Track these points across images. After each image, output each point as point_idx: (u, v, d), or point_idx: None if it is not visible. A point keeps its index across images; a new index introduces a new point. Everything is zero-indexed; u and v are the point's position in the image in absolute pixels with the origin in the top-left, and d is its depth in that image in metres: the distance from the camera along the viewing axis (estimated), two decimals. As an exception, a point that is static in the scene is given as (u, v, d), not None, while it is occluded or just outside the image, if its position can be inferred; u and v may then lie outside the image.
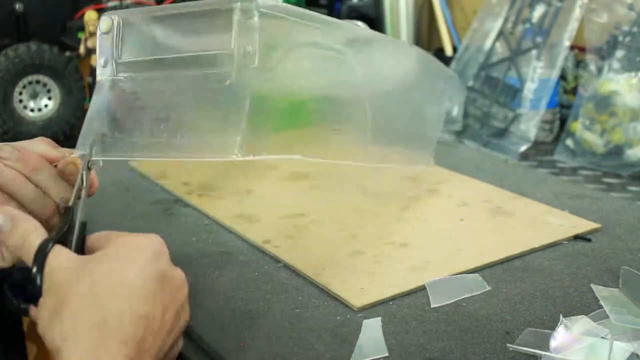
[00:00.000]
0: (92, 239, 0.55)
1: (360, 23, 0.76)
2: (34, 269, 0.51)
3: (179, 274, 0.53)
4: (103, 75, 0.64)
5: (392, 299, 0.65)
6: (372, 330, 0.60)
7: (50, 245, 0.52)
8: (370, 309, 0.64)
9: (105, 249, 0.52)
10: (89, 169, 0.60)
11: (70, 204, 0.57)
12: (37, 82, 1.12)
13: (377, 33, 0.80)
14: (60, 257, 0.51)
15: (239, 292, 0.67)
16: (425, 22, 1.39)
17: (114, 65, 0.63)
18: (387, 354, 0.57)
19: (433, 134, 0.89)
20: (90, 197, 0.59)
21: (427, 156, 0.87)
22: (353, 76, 0.69)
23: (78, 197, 0.58)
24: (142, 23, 0.63)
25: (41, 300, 0.50)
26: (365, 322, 0.61)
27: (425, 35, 1.40)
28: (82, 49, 1.14)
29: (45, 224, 0.57)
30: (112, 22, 0.63)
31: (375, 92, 0.72)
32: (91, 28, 1.13)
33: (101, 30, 0.64)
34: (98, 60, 0.64)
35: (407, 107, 0.82)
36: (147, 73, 0.62)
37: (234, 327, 0.61)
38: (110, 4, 1.24)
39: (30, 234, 0.53)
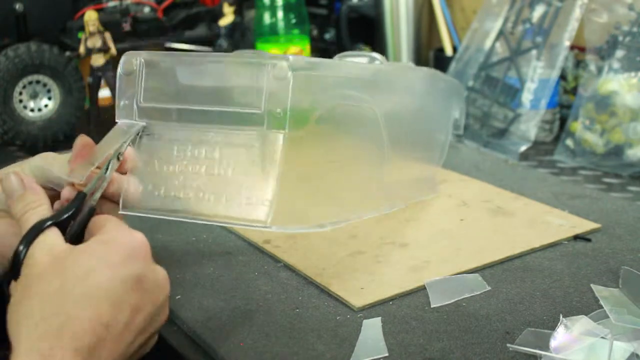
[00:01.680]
0: (93, 222, 0.54)
1: (377, 56, 0.75)
2: (21, 246, 0.50)
3: (158, 275, 0.52)
4: (121, 118, 0.61)
5: (392, 299, 0.65)
6: (372, 330, 0.60)
7: (45, 225, 0.51)
8: (370, 309, 0.64)
9: (88, 242, 0.51)
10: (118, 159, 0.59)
11: (85, 190, 0.56)
12: (37, 82, 1.12)
13: (391, 66, 0.77)
14: (47, 244, 0.50)
15: (239, 292, 0.67)
16: (425, 22, 1.39)
17: (135, 109, 0.61)
18: (387, 354, 0.57)
19: (441, 150, 0.89)
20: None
21: (434, 184, 0.87)
22: (371, 112, 0.68)
23: (97, 185, 0.57)
24: (166, 65, 0.61)
25: (14, 282, 0.50)
26: (365, 322, 0.61)
27: (425, 35, 1.40)
28: (82, 49, 1.14)
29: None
30: (134, 63, 0.61)
31: (389, 118, 0.70)
32: (91, 28, 1.13)
33: (122, 71, 0.61)
34: (117, 102, 0.62)
35: (419, 127, 0.81)
36: (171, 123, 0.60)
37: (234, 327, 0.61)
38: (111, 4, 1.24)
39: (31, 208, 0.53)
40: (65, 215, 0.53)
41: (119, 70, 0.61)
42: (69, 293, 0.48)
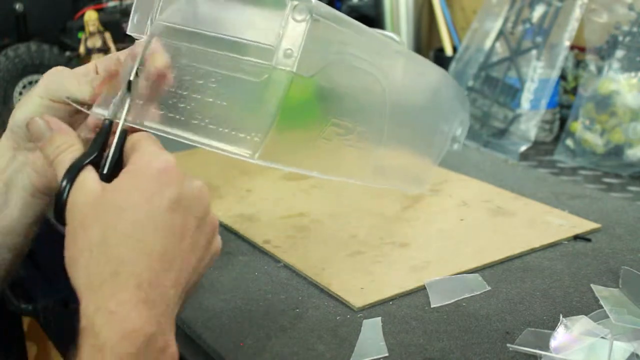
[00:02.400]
0: (127, 145, 0.54)
1: (395, 36, 0.75)
2: (64, 183, 0.50)
3: (194, 189, 0.51)
4: (132, 31, 0.61)
5: (392, 299, 0.65)
6: (372, 330, 0.60)
7: (78, 167, 0.51)
8: (370, 309, 0.64)
9: (120, 178, 0.51)
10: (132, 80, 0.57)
11: (108, 115, 0.55)
12: (37, 82, 1.12)
13: (410, 51, 0.77)
14: (83, 189, 0.50)
15: (239, 292, 0.67)
16: (425, 22, 1.39)
17: (149, 24, 0.60)
18: (387, 354, 0.57)
19: (438, 152, 0.88)
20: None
21: (420, 180, 0.86)
22: (379, 87, 0.68)
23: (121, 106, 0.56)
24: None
25: (66, 230, 0.50)
26: (365, 322, 0.61)
27: (425, 35, 1.40)
28: (82, 49, 1.14)
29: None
30: None
31: (396, 102, 0.70)
32: (91, 28, 1.14)
33: None
34: (132, 15, 0.61)
35: (422, 120, 0.81)
36: (180, 43, 0.59)
37: (234, 327, 0.61)
38: (111, 4, 1.24)
39: (62, 151, 0.53)
40: (96, 152, 0.53)
41: None
42: (113, 237, 0.48)
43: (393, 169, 0.78)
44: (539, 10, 1.11)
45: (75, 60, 1.15)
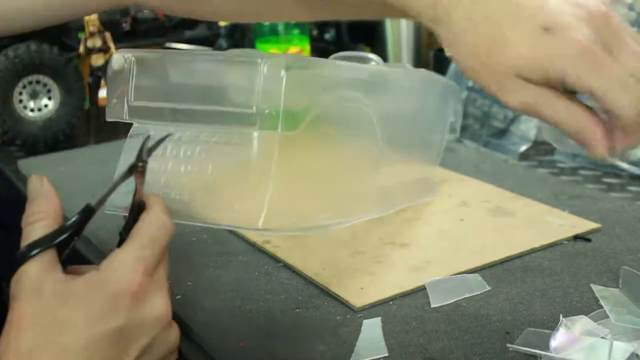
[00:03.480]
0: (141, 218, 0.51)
1: (374, 57, 0.74)
2: (21, 255, 0.47)
3: (148, 316, 0.48)
4: (111, 117, 0.60)
5: (392, 299, 0.65)
6: (372, 330, 0.60)
7: (32, 251, 0.47)
8: (370, 309, 0.64)
9: (76, 280, 0.47)
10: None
11: (93, 204, 0.52)
12: (37, 82, 1.12)
13: (387, 67, 0.75)
14: (27, 280, 0.47)
15: (239, 292, 0.67)
16: (425, 22, 1.39)
17: (126, 109, 0.59)
18: (387, 354, 0.57)
19: (437, 152, 0.88)
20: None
21: (432, 185, 0.87)
22: (365, 113, 0.67)
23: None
24: (157, 63, 0.60)
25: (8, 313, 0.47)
26: (365, 322, 0.61)
27: (425, 36, 1.40)
28: (82, 49, 1.14)
29: None
30: (125, 61, 0.59)
31: (385, 121, 0.69)
32: (91, 28, 1.13)
33: (112, 69, 0.60)
34: (108, 101, 0.60)
35: (415, 128, 0.81)
36: (162, 122, 0.58)
37: (234, 327, 0.61)
38: (110, 4, 1.24)
39: (30, 223, 0.49)
40: (63, 236, 0.49)
41: (109, 68, 0.60)
42: (40, 350, 0.45)
43: (402, 186, 0.77)
44: (539, 10, 1.10)
45: (75, 60, 1.15)
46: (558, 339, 0.57)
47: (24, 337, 0.46)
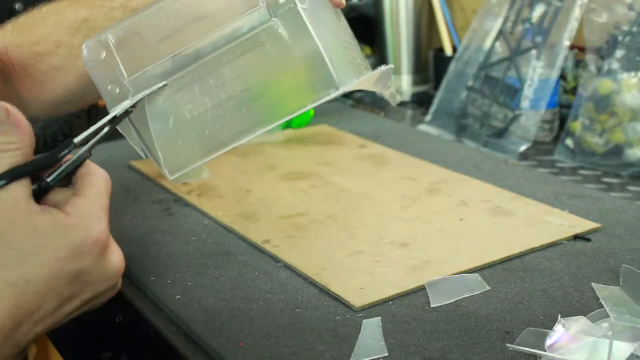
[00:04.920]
0: (80, 173, 0.52)
1: None
2: None
3: (106, 268, 0.51)
4: (114, 103, 0.58)
5: (392, 299, 0.65)
6: (372, 330, 0.60)
7: (10, 177, 0.48)
8: (370, 309, 0.64)
9: (46, 217, 0.49)
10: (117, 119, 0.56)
11: (76, 140, 0.54)
12: (37, 82, 1.12)
13: None
14: (10, 201, 0.48)
15: (239, 292, 0.67)
16: (425, 22, 1.39)
17: (128, 87, 0.58)
18: (387, 354, 0.57)
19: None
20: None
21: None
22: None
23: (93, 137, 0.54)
24: (131, 30, 0.59)
25: None
26: (365, 322, 0.61)
27: (425, 35, 1.40)
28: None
29: None
30: (103, 46, 0.58)
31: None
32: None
33: (91, 59, 0.59)
34: (103, 92, 0.59)
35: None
36: (169, 78, 0.58)
37: (234, 327, 0.61)
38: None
39: (4, 151, 0.49)
40: (42, 168, 0.50)
41: (88, 60, 0.59)
42: (1, 271, 0.47)
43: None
44: (539, 10, 1.11)
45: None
46: (554, 338, 0.57)
47: None
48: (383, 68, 0.60)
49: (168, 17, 0.59)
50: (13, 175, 0.48)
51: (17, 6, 1.16)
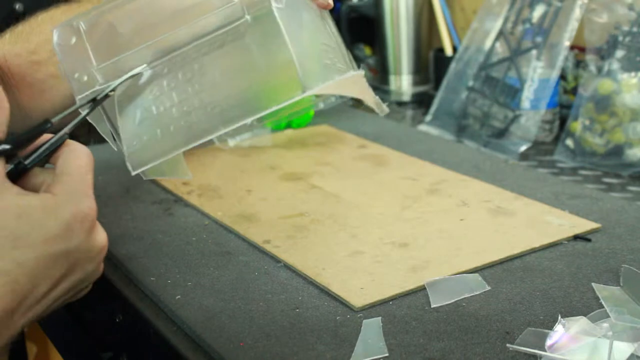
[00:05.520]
0: (59, 154, 0.52)
1: None
2: None
3: (93, 246, 0.51)
4: (82, 91, 0.57)
5: (392, 299, 0.65)
6: (372, 330, 0.60)
7: None
8: (370, 309, 0.64)
9: (30, 199, 0.48)
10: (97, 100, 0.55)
11: (53, 119, 0.53)
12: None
13: None
14: None
15: (239, 292, 0.67)
16: (425, 22, 1.39)
17: (95, 75, 0.57)
18: (387, 354, 0.57)
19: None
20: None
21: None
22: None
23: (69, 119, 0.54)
24: (103, 21, 0.58)
25: None
26: (365, 322, 0.61)
27: (425, 35, 1.40)
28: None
29: None
30: (74, 31, 0.58)
31: None
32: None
33: (60, 43, 0.58)
34: (69, 77, 0.58)
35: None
36: (140, 69, 0.57)
37: (234, 327, 0.61)
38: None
39: None
40: (15, 145, 0.49)
41: (57, 44, 0.58)
42: None
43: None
44: (539, 10, 1.11)
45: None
46: (554, 338, 0.57)
47: None
48: (352, 72, 0.58)
49: (141, 8, 0.58)
50: None
51: (17, 6, 1.16)
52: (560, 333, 0.57)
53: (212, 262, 0.73)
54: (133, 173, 0.59)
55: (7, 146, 0.49)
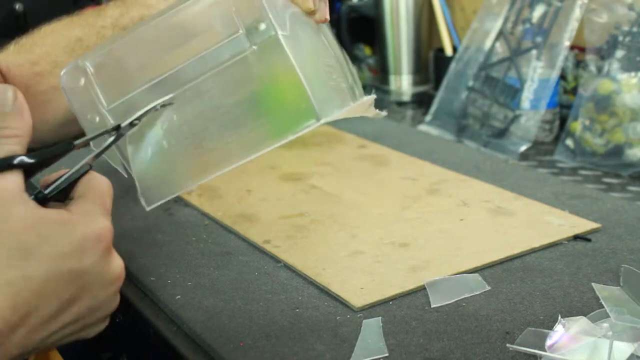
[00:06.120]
0: (80, 184, 0.51)
1: None
2: None
3: (108, 270, 0.49)
4: (93, 131, 0.57)
5: (392, 299, 0.65)
6: (372, 330, 0.60)
7: (7, 165, 0.45)
8: (370, 309, 0.64)
9: (48, 213, 0.47)
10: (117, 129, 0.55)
11: (76, 142, 0.52)
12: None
13: None
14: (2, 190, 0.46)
15: (239, 292, 0.67)
16: (425, 22, 1.39)
17: (106, 115, 0.58)
18: (387, 354, 0.57)
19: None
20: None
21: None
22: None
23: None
24: (109, 58, 0.58)
25: None
26: (365, 322, 0.61)
27: (425, 35, 1.40)
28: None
29: None
30: (82, 73, 0.58)
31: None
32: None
33: (69, 86, 0.58)
34: (82, 120, 0.58)
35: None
36: (152, 103, 0.57)
37: (234, 327, 0.61)
38: (111, 3, 1.24)
39: (6, 136, 0.48)
40: (38, 161, 0.48)
41: (66, 88, 0.58)
42: (1, 270, 0.45)
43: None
44: (539, 10, 1.11)
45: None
46: (554, 338, 0.57)
47: None
48: (365, 98, 0.59)
49: (147, 43, 0.59)
50: (9, 163, 0.46)
51: (17, 6, 1.16)
52: (560, 333, 0.57)
53: (212, 262, 0.73)
54: (148, 209, 0.59)
55: (31, 160, 0.47)
